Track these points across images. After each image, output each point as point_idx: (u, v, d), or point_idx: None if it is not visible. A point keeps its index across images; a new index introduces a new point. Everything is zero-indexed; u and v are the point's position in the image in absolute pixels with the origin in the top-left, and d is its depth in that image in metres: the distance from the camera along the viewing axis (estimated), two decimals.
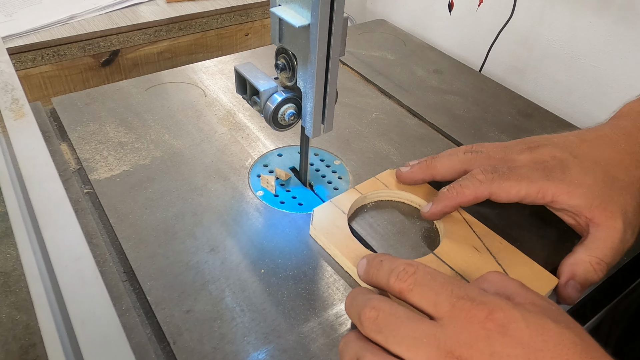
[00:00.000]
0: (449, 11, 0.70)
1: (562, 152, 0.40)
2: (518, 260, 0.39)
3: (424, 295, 0.28)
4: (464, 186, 0.40)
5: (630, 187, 0.39)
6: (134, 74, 0.82)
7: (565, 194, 0.38)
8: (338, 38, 0.36)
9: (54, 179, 0.33)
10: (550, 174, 0.39)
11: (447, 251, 0.39)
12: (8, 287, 0.36)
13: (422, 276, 0.29)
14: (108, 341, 0.24)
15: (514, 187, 0.39)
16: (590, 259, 0.37)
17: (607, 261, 0.37)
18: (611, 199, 0.38)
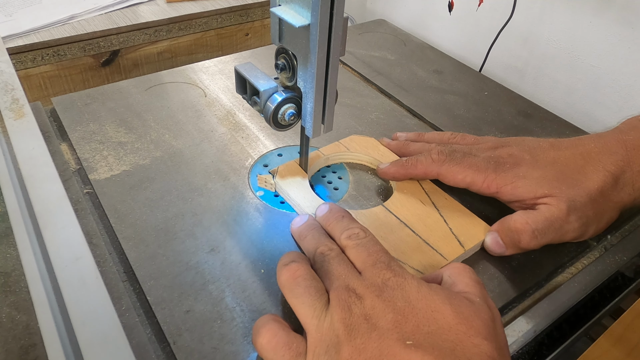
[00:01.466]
0: (449, 11, 0.70)
1: (521, 152, 0.43)
2: (459, 212, 0.43)
3: (360, 254, 0.34)
4: (418, 161, 0.45)
5: (585, 185, 0.40)
6: (134, 74, 0.82)
7: (509, 185, 0.41)
8: (338, 38, 0.36)
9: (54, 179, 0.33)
10: (500, 167, 0.42)
11: (395, 203, 0.44)
12: (8, 287, 0.36)
13: (367, 242, 0.35)
14: (108, 341, 0.24)
15: (461, 173, 0.43)
16: (519, 218, 0.39)
17: (535, 227, 0.38)
18: (559, 190, 0.39)
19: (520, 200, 0.41)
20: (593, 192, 0.40)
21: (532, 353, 0.37)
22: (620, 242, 0.45)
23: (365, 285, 0.31)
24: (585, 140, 0.43)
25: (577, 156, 0.42)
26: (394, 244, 0.40)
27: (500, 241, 0.40)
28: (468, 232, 0.41)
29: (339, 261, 0.34)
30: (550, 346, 0.38)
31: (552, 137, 0.56)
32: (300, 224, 0.40)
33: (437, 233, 0.41)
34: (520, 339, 0.37)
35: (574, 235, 0.40)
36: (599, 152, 0.42)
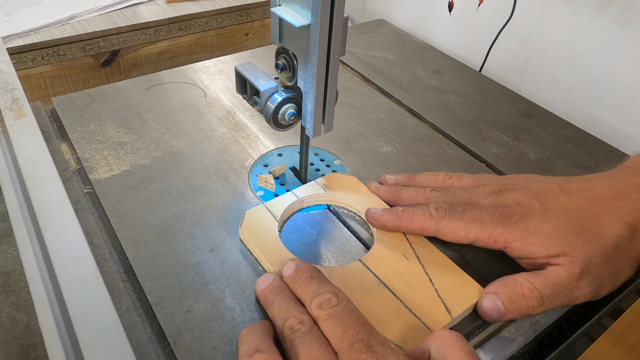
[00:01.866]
0: (449, 11, 0.70)
1: (529, 199, 0.39)
2: (447, 270, 0.38)
3: (334, 329, 0.30)
4: (415, 214, 0.40)
5: (601, 240, 0.36)
6: (134, 74, 0.82)
7: (518, 241, 0.36)
8: (338, 38, 0.36)
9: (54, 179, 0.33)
10: (507, 219, 0.37)
11: (375, 258, 0.39)
12: (8, 287, 0.36)
13: (340, 310, 0.31)
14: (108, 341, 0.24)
15: (463, 229, 0.38)
16: (524, 282, 0.35)
17: (543, 292, 0.34)
18: (575, 246, 0.35)
19: (531, 258, 0.36)
20: (609, 248, 0.36)
21: (532, 353, 0.37)
22: None
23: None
24: (596, 182, 0.39)
25: (591, 202, 0.38)
26: (371, 310, 0.35)
27: (500, 306, 0.35)
28: (457, 295, 0.36)
29: (311, 340, 0.30)
30: (550, 346, 0.38)
31: (553, 137, 0.56)
32: (264, 286, 0.35)
33: (421, 296, 0.36)
34: (520, 339, 0.37)
35: (585, 299, 0.36)
36: (614, 198, 0.38)
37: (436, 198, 0.41)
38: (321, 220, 0.44)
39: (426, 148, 0.53)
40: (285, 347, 0.31)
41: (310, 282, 0.33)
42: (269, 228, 0.40)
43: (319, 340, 0.30)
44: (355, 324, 0.30)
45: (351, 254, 0.41)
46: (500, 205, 0.39)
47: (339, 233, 0.42)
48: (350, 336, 0.29)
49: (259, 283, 0.36)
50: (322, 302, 0.31)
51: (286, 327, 0.31)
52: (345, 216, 0.44)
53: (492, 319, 0.36)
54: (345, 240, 0.42)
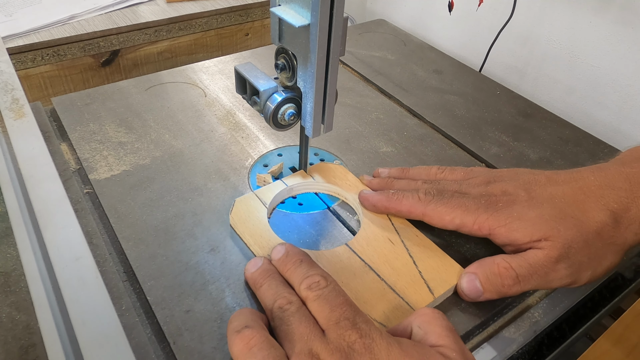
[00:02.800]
0: (449, 11, 0.70)
1: (515, 188, 0.39)
2: (430, 252, 0.39)
3: (322, 308, 0.31)
4: (404, 197, 0.41)
5: (583, 226, 0.36)
6: (134, 74, 0.82)
7: (502, 227, 0.37)
8: (338, 38, 0.36)
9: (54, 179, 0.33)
10: (491, 206, 0.38)
11: (360, 242, 0.40)
12: (8, 287, 0.36)
13: (328, 292, 0.32)
14: (108, 341, 0.24)
15: (449, 214, 0.39)
16: (501, 261, 0.36)
17: (518, 272, 0.35)
18: (556, 231, 0.36)
19: (515, 244, 0.37)
20: (591, 235, 0.36)
21: (532, 353, 0.37)
22: None
23: (329, 350, 0.29)
24: (584, 173, 0.40)
25: (577, 191, 0.38)
26: (357, 291, 0.36)
27: (478, 285, 0.36)
28: (439, 276, 0.37)
29: (300, 318, 0.31)
30: (550, 346, 0.38)
31: (553, 137, 0.56)
32: (254, 270, 0.36)
33: (404, 277, 0.37)
34: (520, 339, 0.37)
35: (562, 282, 0.36)
36: (601, 187, 0.38)
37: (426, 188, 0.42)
38: (321, 220, 0.44)
39: (426, 148, 0.53)
40: (274, 326, 0.32)
41: (300, 265, 0.35)
42: (258, 214, 0.42)
43: (307, 319, 0.31)
44: (342, 304, 0.31)
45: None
46: (487, 194, 0.39)
47: (339, 233, 0.42)
48: (337, 315, 0.30)
49: (248, 267, 0.37)
50: (312, 284, 0.33)
51: (275, 307, 0.32)
52: (338, 208, 0.44)
53: (470, 297, 0.37)
54: (345, 241, 0.42)
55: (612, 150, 0.55)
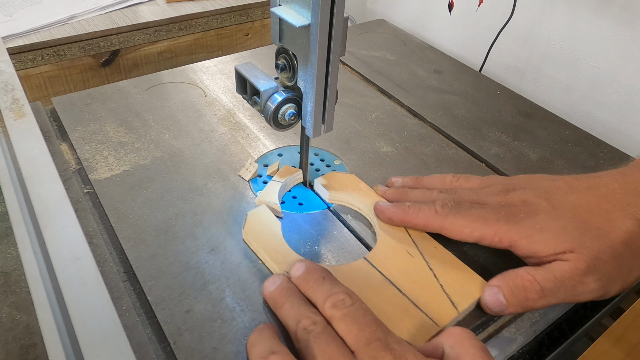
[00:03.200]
0: (449, 11, 0.70)
1: (536, 197, 0.38)
2: (451, 265, 0.38)
3: (350, 328, 0.30)
4: (421, 210, 0.40)
5: (611, 237, 0.35)
6: (134, 74, 0.82)
7: (525, 239, 0.36)
8: (338, 38, 0.36)
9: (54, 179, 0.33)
10: (512, 217, 0.37)
11: (378, 255, 0.39)
12: (8, 287, 0.36)
13: (355, 310, 0.31)
14: (108, 341, 0.24)
15: (467, 227, 0.37)
16: (525, 274, 0.35)
17: (543, 285, 0.34)
18: (581, 243, 0.35)
19: (537, 256, 0.36)
20: (619, 245, 0.35)
21: (532, 353, 0.37)
22: None
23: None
24: (606, 179, 0.38)
25: (601, 199, 0.37)
26: (379, 307, 0.34)
27: (502, 299, 0.35)
28: (462, 289, 0.36)
29: (327, 339, 0.29)
30: (550, 346, 0.38)
31: (553, 137, 0.56)
32: (273, 288, 0.35)
33: (426, 292, 0.36)
34: (520, 339, 0.37)
35: (591, 296, 0.35)
36: (626, 194, 0.37)
37: (442, 197, 0.41)
38: (321, 220, 0.44)
39: (426, 148, 0.53)
40: (299, 348, 0.30)
41: (322, 283, 0.33)
42: (272, 228, 0.40)
43: (334, 340, 0.29)
44: (371, 323, 0.30)
45: (351, 254, 0.41)
46: (506, 204, 0.38)
47: (339, 233, 0.42)
48: (367, 334, 0.29)
49: (267, 285, 0.35)
50: (336, 302, 0.31)
51: (300, 329, 0.31)
52: (342, 212, 0.44)
53: (494, 312, 0.35)
54: (345, 240, 0.42)
55: (612, 150, 0.55)
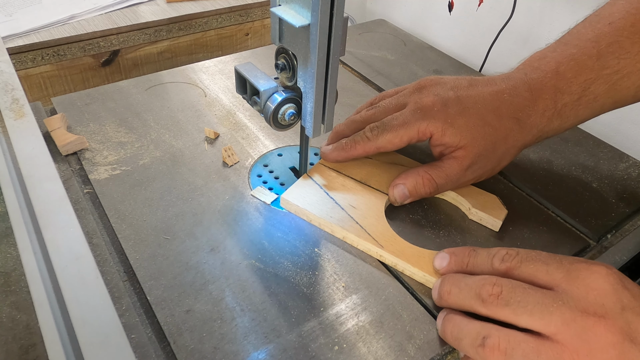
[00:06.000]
0: (449, 11, 0.70)
1: (445, 91, 0.44)
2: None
3: (536, 268, 0.31)
4: (355, 142, 0.45)
5: (497, 133, 0.43)
6: (134, 74, 0.82)
7: (439, 131, 0.43)
8: (338, 38, 0.36)
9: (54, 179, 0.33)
10: (428, 113, 0.43)
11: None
12: (8, 287, 0.36)
13: (525, 254, 0.32)
14: (108, 341, 0.24)
15: (396, 137, 0.43)
16: (425, 174, 0.44)
17: (437, 182, 0.43)
18: (474, 141, 0.42)
19: (445, 146, 0.43)
20: (499, 141, 0.43)
21: None
22: (620, 242, 0.45)
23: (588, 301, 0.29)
24: (497, 80, 0.45)
25: (494, 96, 0.43)
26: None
27: (406, 192, 0.44)
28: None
29: (521, 289, 0.30)
30: None
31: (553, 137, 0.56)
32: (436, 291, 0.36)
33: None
34: None
35: (468, 184, 0.45)
36: (511, 95, 0.43)
37: (371, 116, 0.46)
38: None
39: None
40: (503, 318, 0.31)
41: (476, 253, 0.36)
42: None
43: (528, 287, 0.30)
44: (550, 256, 0.32)
45: (351, 254, 0.41)
46: (421, 104, 0.44)
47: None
48: (557, 265, 0.31)
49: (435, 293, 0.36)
50: (504, 257, 0.33)
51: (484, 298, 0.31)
52: None
53: (398, 202, 0.44)
54: (345, 242, 0.42)
55: (612, 150, 0.55)
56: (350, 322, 0.35)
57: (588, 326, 0.28)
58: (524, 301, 0.29)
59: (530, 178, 0.50)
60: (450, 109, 0.43)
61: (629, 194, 0.49)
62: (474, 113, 0.43)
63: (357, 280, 0.38)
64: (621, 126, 0.63)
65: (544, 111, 0.42)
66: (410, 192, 0.44)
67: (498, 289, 0.31)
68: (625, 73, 0.41)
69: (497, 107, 0.43)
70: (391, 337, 0.35)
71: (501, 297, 0.30)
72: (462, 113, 0.43)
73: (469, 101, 0.43)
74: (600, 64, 0.41)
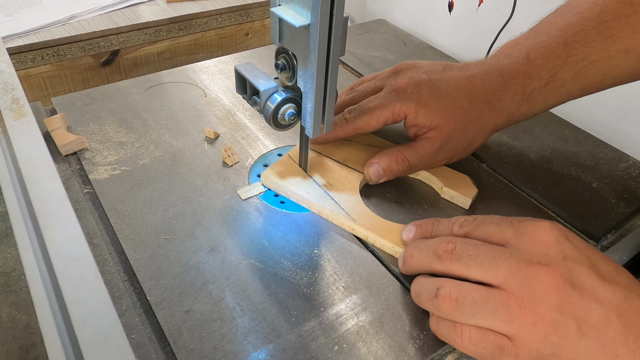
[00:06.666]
0: (449, 11, 0.70)
1: (420, 74, 0.46)
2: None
3: (490, 229, 0.34)
4: (335, 124, 0.46)
5: (467, 115, 0.45)
6: (134, 74, 0.82)
7: (413, 112, 0.45)
8: (338, 38, 0.36)
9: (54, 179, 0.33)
10: (402, 94, 0.45)
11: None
12: (8, 287, 0.36)
13: (481, 219, 0.35)
14: (108, 341, 0.24)
15: (372, 118, 0.45)
16: (398, 154, 0.46)
17: (410, 161, 0.46)
18: (446, 123, 0.44)
19: (418, 127, 0.45)
20: (470, 123, 0.45)
21: None
22: (619, 242, 0.45)
23: (533, 252, 0.31)
24: (471, 65, 0.47)
25: (467, 81, 0.45)
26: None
27: (381, 171, 0.46)
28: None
29: (474, 244, 0.33)
30: None
31: (553, 137, 0.56)
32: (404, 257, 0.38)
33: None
34: None
35: (441, 163, 0.48)
36: (482, 79, 0.45)
37: (351, 100, 0.49)
38: (321, 220, 0.44)
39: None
40: (444, 272, 0.34)
41: (438, 223, 0.38)
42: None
43: (480, 244, 0.33)
44: (503, 219, 0.34)
45: (351, 254, 0.41)
46: (395, 87, 0.46)
47: (339, 233, 0.42)
48: (507, 225, 0.33)
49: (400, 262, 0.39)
50: (462, 223, 0.36)
51: (441, 255, 0.34)
52: None
53: (373, 181, 0.47)
54: (345, 240, 0.42)
55: (612, 150, 0.55)
56: (350, 322, 0.35)
57: (532, 274, 0.30)
58: (475, 255, 0.32)
59: (530, 178, 0.50)
60: (423, 91, 0.45)
61: (629, 194, 0.49)
62: (446, 95, 0.44)
63: (357, 280, 0.38)
64: (621, 126, 0.63)
65: (513, 95, 0.44)
66: (384, 171, 0.46)
67: (452, 246, 0.33)
68: (590, 61, 0.43)
69: (469, 90, 0.45)
70: (391, 337, 0.35)
71: (454, 252, 0.33)
72: (435, 95, 0.44)
73: (441, 84, 0.45)
74: (567, 52, 0.43)
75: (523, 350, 0.30)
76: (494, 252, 0.32)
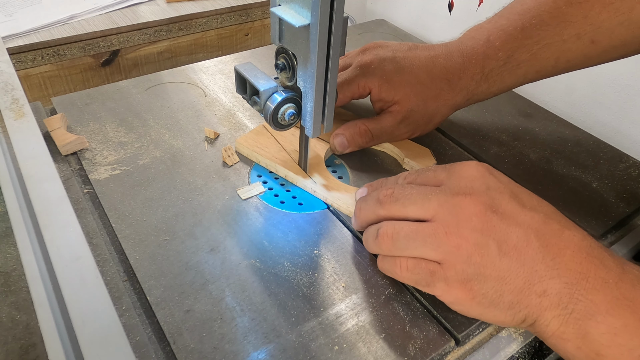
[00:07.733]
0: (449, 11, 0.70)
1: (386, 52, 0.49)
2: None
3: (427, 175, 0.37)
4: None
5: (428, 91, 0.47)
6: (134, 74, 0.82)
7: (377, 87, 0.47)
8: (338, 38, 0.36)
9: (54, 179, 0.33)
10: (367, 70, 0.48)
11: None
12: (8, 287, 0.36)
13: (421, 170, 0.38)
14: (108, 341, 0.24)
15: (340, 93, 0.47)
16: (362, 125, 0.49)
17: (373, 133, 0.49)
18: (407, 98, 0.47)
19: (382, 101, 0.48)
20: (430, 99, 0.48)
21: (532, 353, 0.37)
22: (620, 241, 0.45)
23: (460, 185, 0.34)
24: (437, 46, 0.50)
25: (430, 60, 0.48)
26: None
27: (345, 142, 0.48)
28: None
29: (411, 188, 0.36)
30: None
31: (553, 137, 0.56)
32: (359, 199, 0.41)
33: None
34: (520, 339, 0.37)
35: (403, 137, 0.51)
36: (445, 59, 0.48)
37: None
38: (321, 220, 0.44)
39: (426, 147, 0.53)
40: (394, 213, 0.36)
41: (386, 180, 0.41)
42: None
43: (414, 186, 0.36)
44: (437, 167, 0.38)
45: (351, 254, 0.41)
46: (361, 63, 0.48)
47: (339, 233, 0.42)
48: (441, 169, 0.37)
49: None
50: (406, 176, 0.39)
51: (382, 200, 0.37)
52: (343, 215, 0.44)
53: (338, 151, 0.49)
54: (344, 240, 0.42)
55: (612, 150, 0.55)
56: (350, 322, 0.35)
57: (456, 202, 0.33)
58: (410, 194, 0.35)
59: (530, 178, 0.50)
60: (387, 67, 0.47)
61: (629, 194, 0.49)
62: (409, 72, 0.47)
63: (357, 280, 0.38)
64: (621, 126, 0.63)
65: (472, 75, 0.47)
66: (348, 141, 0.48)
67: (391, 191, 0.37)
68: (544, 44, 0.45)
69: (430, 68, 0.47)
70: (391, 337, 0.35)
71: (393, 195, 0.36)
72: (398, 71, 0.47)
73: (405, 62, 0.48)
74: (524, 35, 0.46)
75: (450, 272, 0.32)
76: (426, 191, 0.35)
